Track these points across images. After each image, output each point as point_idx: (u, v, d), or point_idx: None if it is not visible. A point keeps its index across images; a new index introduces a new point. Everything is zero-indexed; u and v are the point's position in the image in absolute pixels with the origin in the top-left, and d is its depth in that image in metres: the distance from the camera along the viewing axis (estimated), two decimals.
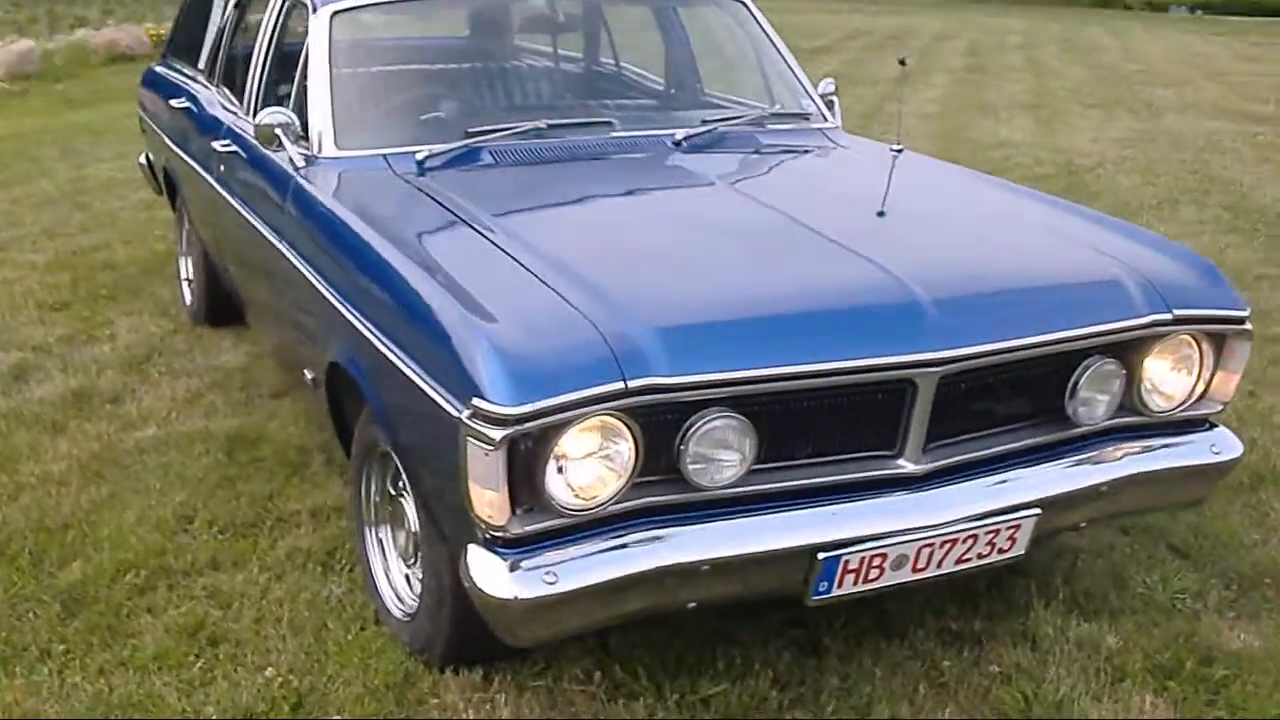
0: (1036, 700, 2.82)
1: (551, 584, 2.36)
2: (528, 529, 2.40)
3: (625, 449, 2.42)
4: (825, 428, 2.62)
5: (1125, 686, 2.88)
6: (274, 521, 3.67)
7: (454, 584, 2.70)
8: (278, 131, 3.60)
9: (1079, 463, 2.89)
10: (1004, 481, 2.77)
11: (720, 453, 2.49)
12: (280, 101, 4.29)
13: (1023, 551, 2.79)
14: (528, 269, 2.69)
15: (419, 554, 2.97)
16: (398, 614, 3.08)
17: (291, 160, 3.58)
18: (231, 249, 4.40)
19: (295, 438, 4.25)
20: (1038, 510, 2.74)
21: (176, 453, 4.13)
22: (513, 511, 2.37)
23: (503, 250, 2.81)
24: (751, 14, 4.35)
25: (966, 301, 2.69)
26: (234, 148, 4.20)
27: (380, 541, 3.21)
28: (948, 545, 2.67)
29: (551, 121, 3.71)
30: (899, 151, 3.83)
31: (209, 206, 4.61)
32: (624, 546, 2.45)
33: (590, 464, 2.41)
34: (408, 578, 3.14)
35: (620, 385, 2.36)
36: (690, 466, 2.47)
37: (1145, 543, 3.55)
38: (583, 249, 2.85)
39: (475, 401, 2.31)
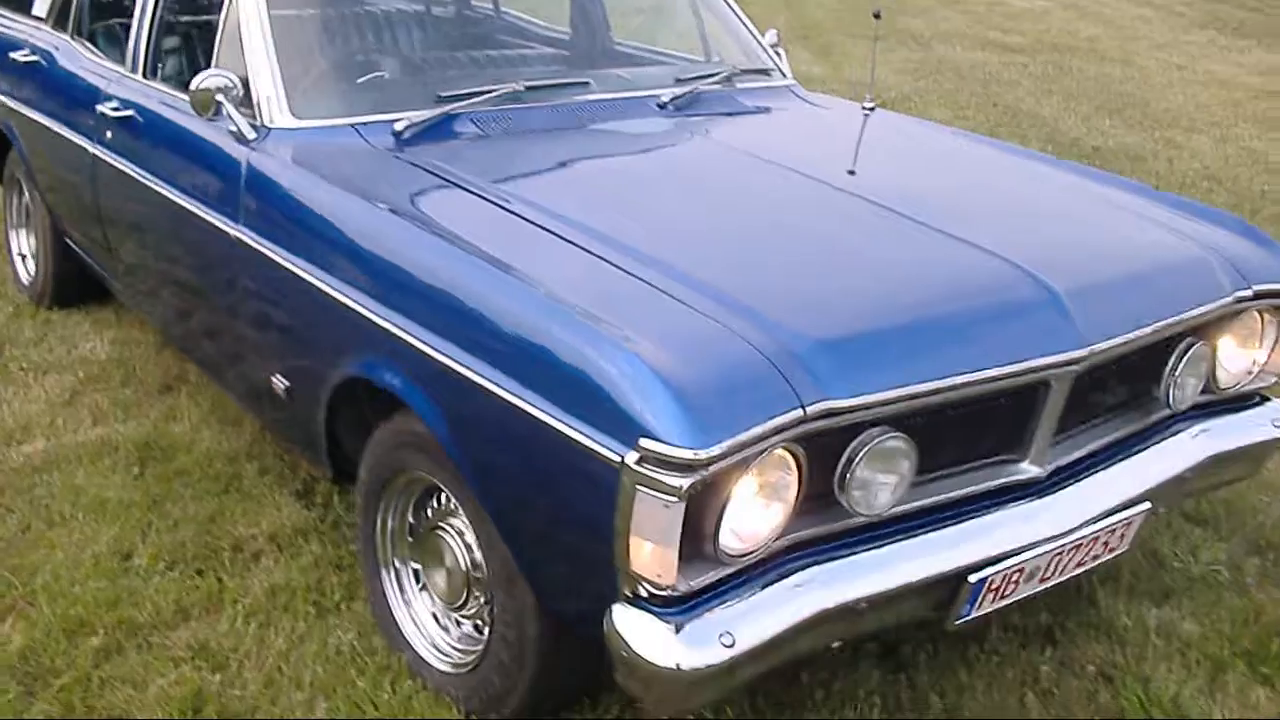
0: (1152, 703, 2.69)
1: (730, 646, 2.03)
2: (693, 585, 2.06)
3: (791, 481, 2.11)
4: (960, 437, 2.39)
5: (1229, 680, 2.79)
6: (230, 552, 3.16)
7: (541, 636, 2.36)
8: (220, 98, 3.04)
9: (1169, 449, 2.76)
10: (1114, 476, 2.62)
11: (882, 475, 2.21)
12: (173, 60, 3.72)
13: (1129, 547, 2.66)
14: (630, 273, 2.31)
15: (475, 599, 2.58)
16: (441, 666, 2.68)
17: (240, 133, 3.04)
18: (126, 227, 3.76)
19: (213, 444, 3.70)
20: (1148, 503, 2.60)
21: (83, 471, 3.52)
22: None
23: (583, 249, 2.41)
24: None
25: (1097, 292, 2.49)
26: (130, 113, 3.58)
27: (399, 580, 2.80)
28: (1074, 551, 2.50)
29: (529, 83, 3.29)
30: (871, 110, 3.64)
31: (80, 178, 3.94)
32: (791, 590, 2.14)
33: (758, 502, 2.09)
34: (437, 618, 2.74)
35: (799, 413, 2.04)
36: (854, 493, 2.19)
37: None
38: (670, 244, 2.47)
39: (646, 444, 1.93)
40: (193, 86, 3.04)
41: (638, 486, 1.95)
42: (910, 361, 2.21)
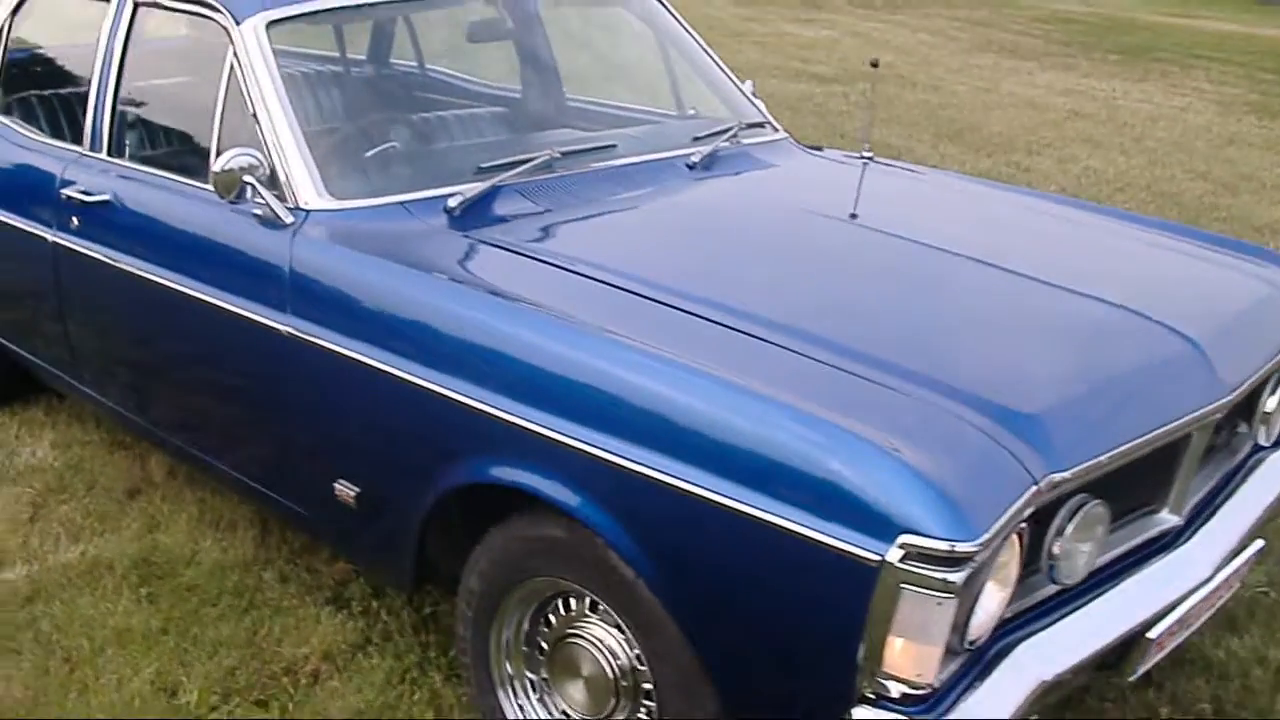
0: None
1: None
2: (942, 679, 1.98)
3: (1014, 560, 2.07)
4: (1121, 495, 2.39)
5: None
6: (286, 677, 2.90)
7: None
8: (249, 180, 2.80)
9: (1260, 481, 2.83)
10: (1230, 515, 2.67)
11: (1083, 543, 2.19)
12: (146, 136, 3.44)
13: (1239, 585, 2.72)
14: (809, 356, 2.22)
15: (623, 708, 2.42)
16: None
17: (273, 216, 2.81)
18: (103, 322, 3.42)
19: (216, 554, 3.40)
20: (1262, 540, 2.66)
21: (84, 597, 3.17)
22: None
23: (741, 332, 2.30)
24: (669, 11, 3.93)
25: (1224, 338, 2.54)
26: (104, 197, 3.26)
27: (520, 695, 2.61)
28: (1215, 596, 2.53)
29: (564, 149, 3.16)
30: (869, 159, 3.66)
31: (30, 269, 3.58)
32: (1015, 669, 2.08)
33: (992, 586, 2.03)
34: None
35: (1034, 490, 2.00)
36: (1060, 563, 2.16)
37: None
38: (823, 319, 2.39)
39: (910, 540, 1.85)
40: (217, 167, 2.80)
41: (902, 585, 1.86)
42: (1103, 426, 2.20)
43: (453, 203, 2.87)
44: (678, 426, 2.11)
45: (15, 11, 3.85)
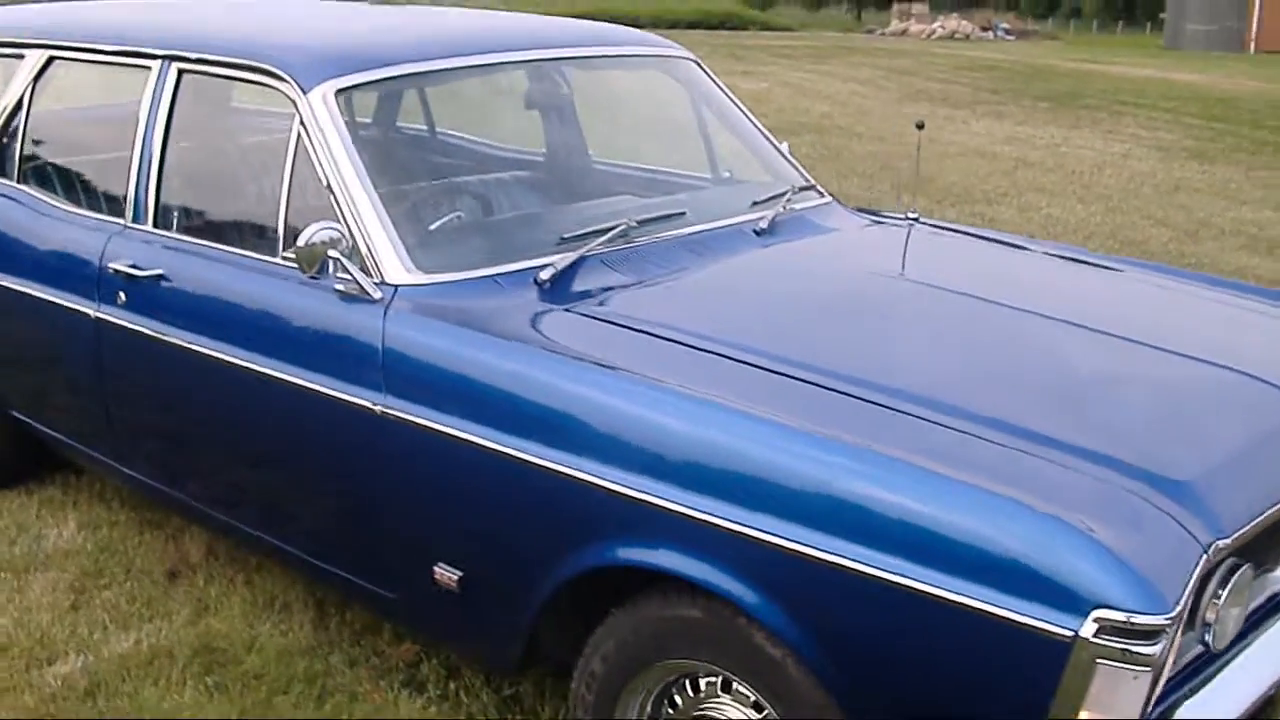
0: None
1: None
2: None
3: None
4: (1260, 554, 2.40)
5: None
6: None
7: None
8: (334, 255, 2.74)
9: None
10: None
11: (1235, 608, 2.19)
12: (192, 207, 3.35)
13: None
14: (964, 431, 2.20)
15: None
16: None
17: (360, 291, 2.74)
18: (154, 402, 3.31)
19: (276, 638, 3.27)
20: None
21: (149, 690, 3.03)
22: None
23: (888, 408, 2.27)
24: (707, 74, 3.93)
25: None
26: (157, 271, 3.16)
27: None
28: None
29: (640, 218, 3.13)
30: (915, 220, 3.68)
31: (66, 346, 3.45)
32: None
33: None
34: None
35: (1206, 559, 2.00)
36: (1214, 627, 2.15)
37: None
38: (968, 392, 2.37)
39: (1104, 615, 1.84)
40: (300, 242, 2.72)
41: (1098, 660, 1.85)
42: (1251, 489, 2.21)
43: (544, 275, 2.82)
44: (843, 504, 2.08)
45: (37, 78, 3.72)
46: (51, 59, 3.71)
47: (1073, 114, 15.55)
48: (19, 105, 3.76)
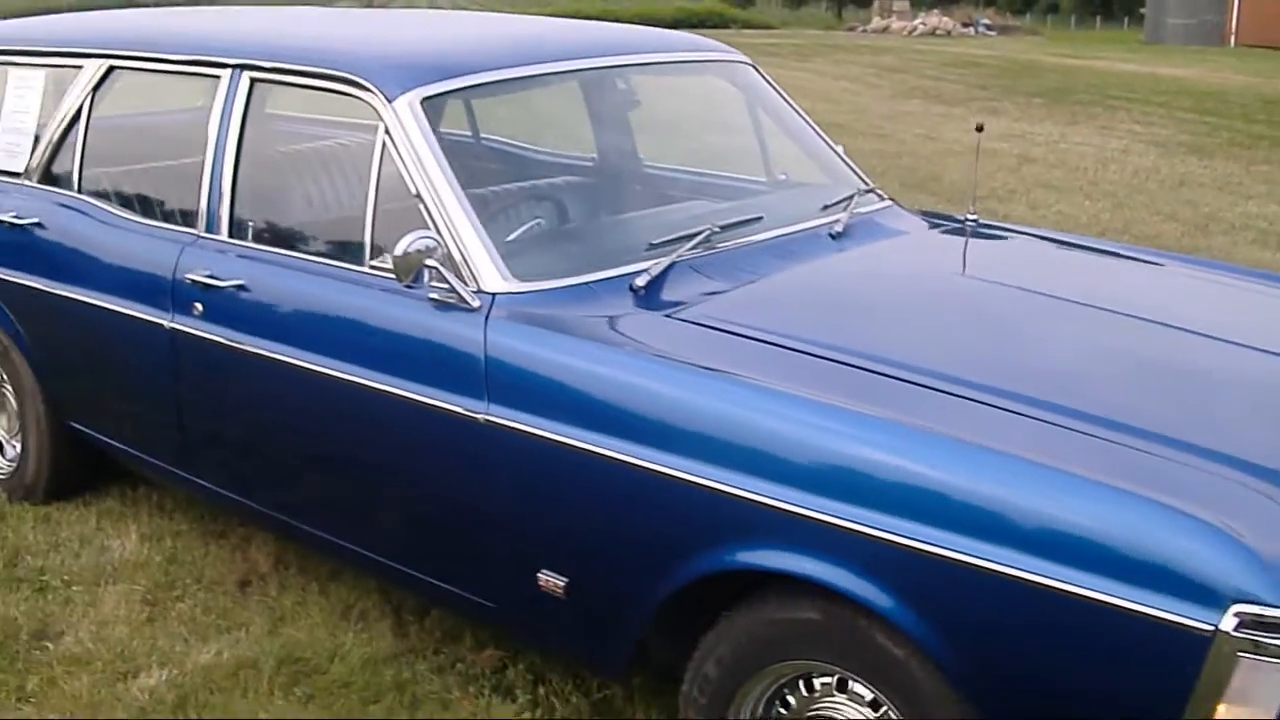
0: None
1: None
2: None
3: None
4: None
5: None
6: None
7: None
8: (431, 264, 2.74)
9: None
10: None
11: None
12: (265, 216, 3.34)
13: None
14: (1074, 429, 2.23)
15: None
16: None
17: (458, 300, 2.74)
18: (234, 412, 3.29)
19: (359, 646, 3.26)
20: None
21: (240, 703, 3.03)
22: None
23: (1014, 412, 2.29)
24: (762, 76, 3.95)
25: None
26: (237, 281, 3.15)
27: None
28: None
29: (722, 223, 3.13)
30: (975, 221, 3.70)
31: (138, 357, 3.43)
32: None
33: None
34: None
35: None
36: None
37: None
38: (1080, 392, 2.41)
39: (1244, 609, 1.88)
40: (398, 251, 2.71)
41: (1239, 654, 1.88)
42: None
43: (640, 282, 2.84)
44: (979, 507, 2.09)
45: (97, 87, 3.71)
46: (112, 68, 3.69)
47: (1067, 110, 15.61)
48: (77, 115, 3.73)
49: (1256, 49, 30.48)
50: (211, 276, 3.21)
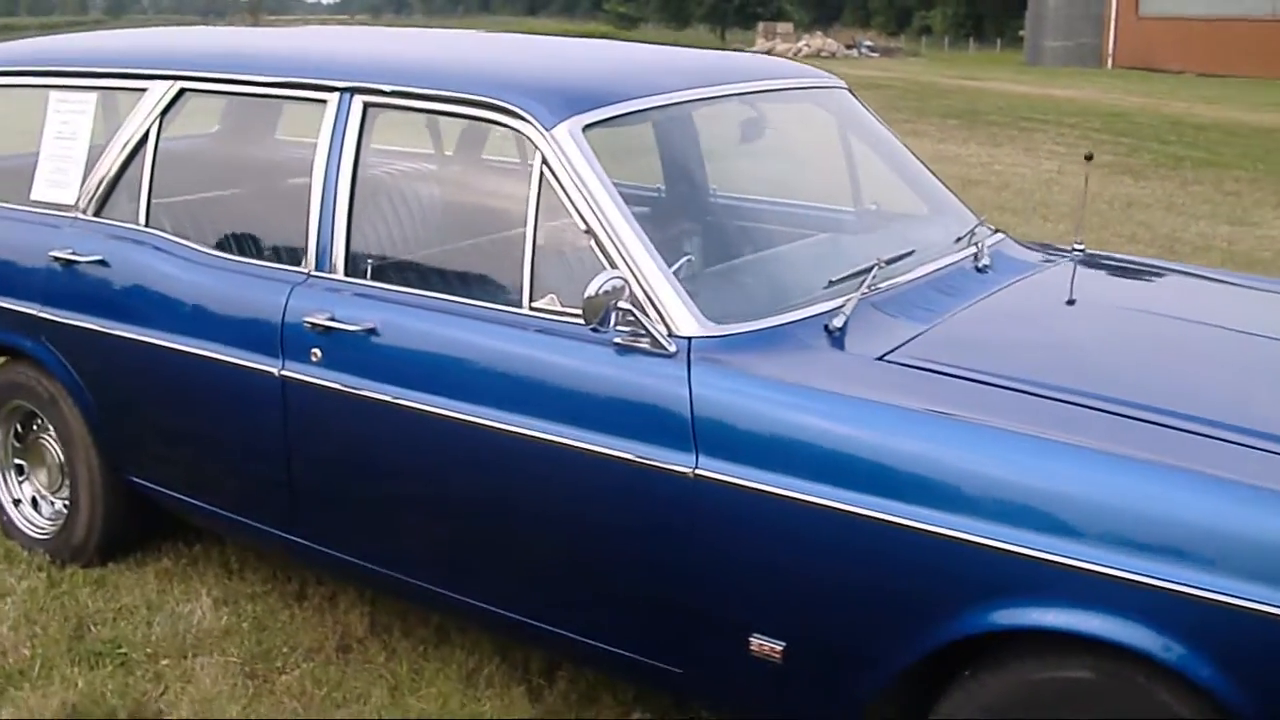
0: None
1: None
2: None
3: None
4: None
5: None
6: None
7: None
8: (624, 306, 2.53)
9: None
10: None
11: None
12: (378, 252, 3.10)
13: None
14: None
15: None
16: None
17: (659, 344, 2.54)
18: (358, 465, 3.01)
19: (490, 712, 3.03)
20: None
21: None
22: None
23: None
24: (859, 103, 3.81)
25: None
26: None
27: None
28: None
29: (886, 258, 2.98)
30: (1082, 250, 3.62)
31: (236, 406, 3.14)
32: None
33: None
34: None
35: None
36: None
37: None
38: None
39: None
40: (590, 292, 2.49)
41: None
42: None
43: (837, 323, 2.66)
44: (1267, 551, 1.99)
45: (165, 112, 3.40)
46: (183, 91, 3.39)
47: (985, 131, 15.88)
48: (142, 142, 3.42)
49: (1134, 70, 31.60)
50: (333, 319, 2.94)
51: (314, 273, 3.06)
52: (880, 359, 2.57)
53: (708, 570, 2.53)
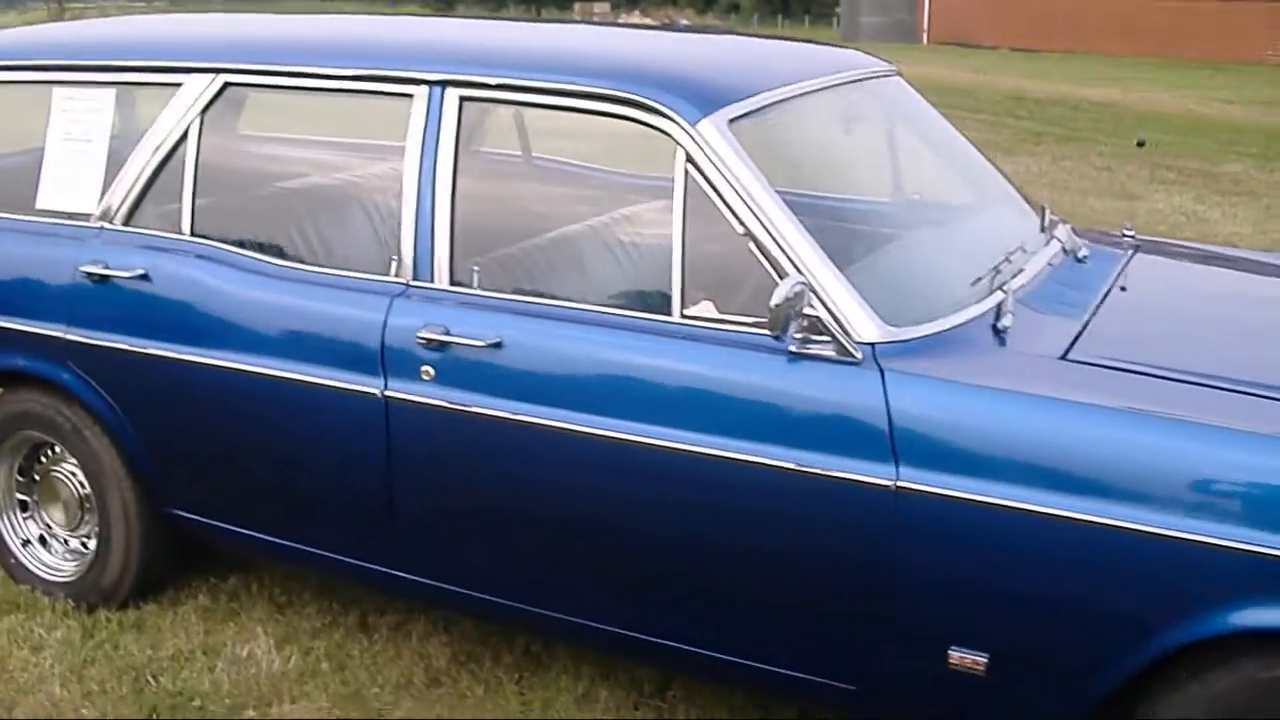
0: None
1: None
2: None
3: None
4: None
5: None
6: None
7: None
8: (811, 312, 2.42)
9: None
10: None
11: None
12: (486, 258, 2.90)
13: None
14: None
15: None
16: None
17: (846, 351, 2.43)
18: (476, 490, 2.78)
19: None
20: None
21: None
22: None
23: None
24: (911, 89, 3.74)
25: None
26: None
27: None
28: None
29: (1008, 253, 2.92)
30: (1133, 235, 3.64)
31: (329, 432, 2.89)
32: None
33: None
34: None
35: None
36: None
37: None
38: None
39: None
40: (777, 299, 2.37)
41: None
42: None
43: (1006, 322, 2.59)
44: None
45: (207, 109, 3.09)
46: (228, 85, 3.08)
47: None
48: (180, 143, 3.10)
49: (949, 46, 32.62)
50: (448, 334, 2.72)
51: (413, 283, 2.82)
52: (1064, 359, 2.51)
53: (904, 584, 2.43)
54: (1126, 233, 3.60)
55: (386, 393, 2.78)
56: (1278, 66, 21.76)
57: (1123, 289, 3.00)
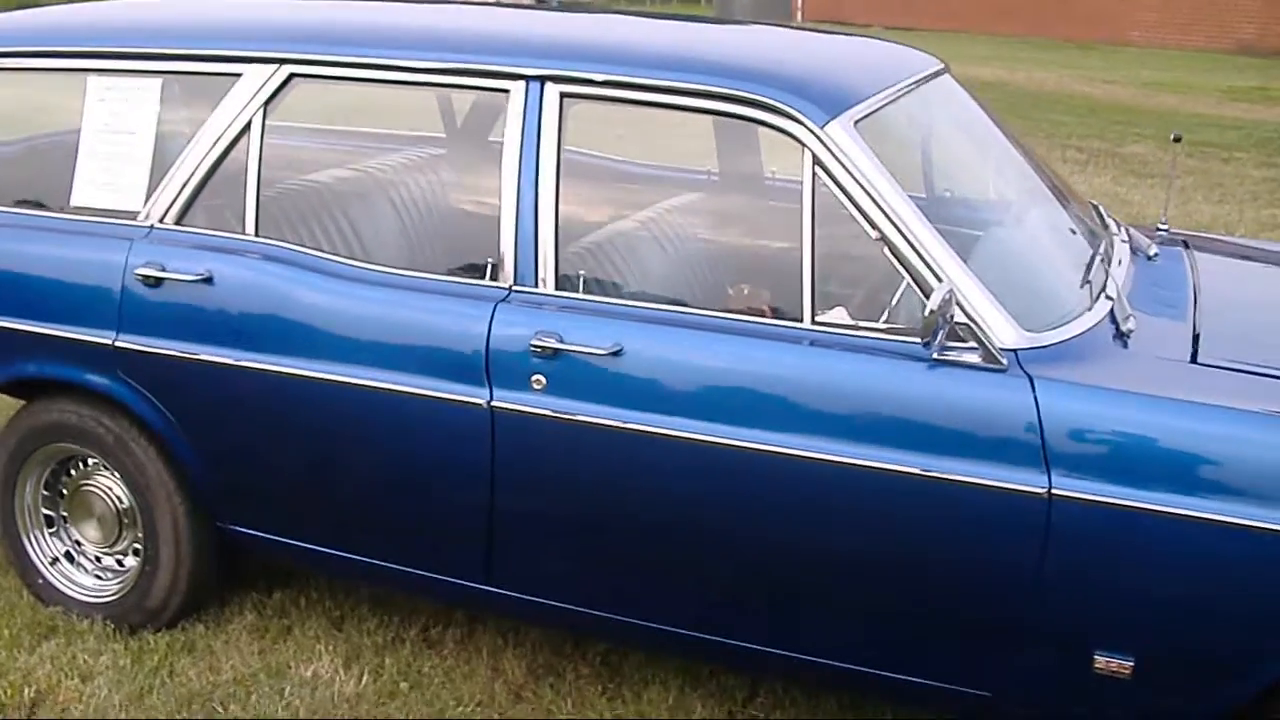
0: None
1: None
2: None
3: None
4: None
5: None
6: None
7: None
8: (963, 319, 2.41)
9: None
10: None
11: None
12: (595, 265, 2.83)
13: None
14: None
15: None
16: None
17: (992, 358, 2.41)
18: (589, 504, 2.68)
19: None
20: None
21: None
22: None
23: None
24: (962, 87, 3.72)
25: None
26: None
27: None
28: None
29: (1095, 253, 2.94)
30: (1167, 230, 3.68)
31: (431, 442, 2.76)
32: None
33: None
34: None
35: None
36: None
37: None
38: None
39: None
40: (932, 306, 2.34)
41: None
42: None
43: (1129, 325, 2.60)
44: None
45: (270, 101, 2.92)
46: (292, 76, 2.91)
47: None
48: (240, 137, 2.92)
49: (824, 23, 32.95)
50: (562, 341, 2.61)
51: (516, 288, 2.71)
52: (1194, 362, 2.53)
53: (1049, 590, 2.42)
54: (1161, 227, 3.65)
55: (493, 403, 2.66)
56: (1143, 47, 22.51)
57: (1203, 288, 3.04)
